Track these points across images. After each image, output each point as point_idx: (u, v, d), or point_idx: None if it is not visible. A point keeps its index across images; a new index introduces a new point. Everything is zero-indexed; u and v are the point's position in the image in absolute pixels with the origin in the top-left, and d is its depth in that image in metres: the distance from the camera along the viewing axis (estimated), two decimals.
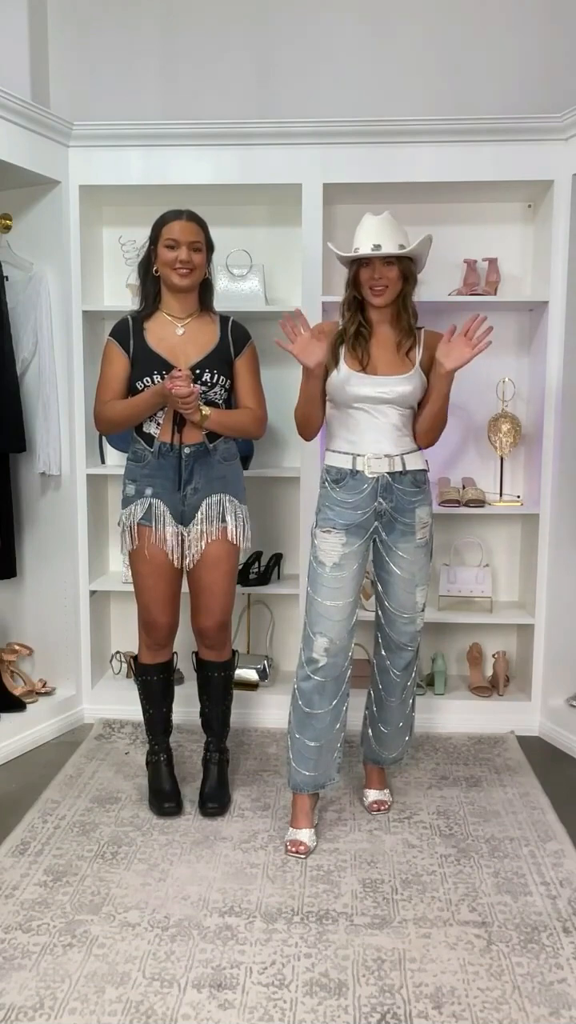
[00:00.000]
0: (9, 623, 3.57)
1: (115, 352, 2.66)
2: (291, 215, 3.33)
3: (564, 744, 3.31)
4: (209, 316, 2.74)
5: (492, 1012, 1.89)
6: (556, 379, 3.30)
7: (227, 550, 2.71)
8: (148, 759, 2.88)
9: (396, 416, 2.53)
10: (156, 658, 2.80)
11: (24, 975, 2.01)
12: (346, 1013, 1.89)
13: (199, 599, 2.74)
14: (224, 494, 2.69)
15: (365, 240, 2.47)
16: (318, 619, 2.54)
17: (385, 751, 2.80)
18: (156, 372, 2.60)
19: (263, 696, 3.53)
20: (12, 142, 3.03)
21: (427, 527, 2.61)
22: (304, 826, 2.60)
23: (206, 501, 2.66)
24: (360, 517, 2.53)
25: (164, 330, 2.66)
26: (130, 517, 2.66)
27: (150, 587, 2.70)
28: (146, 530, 2.65)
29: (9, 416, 3.23)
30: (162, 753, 2.84)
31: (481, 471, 3.66)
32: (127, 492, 2.69)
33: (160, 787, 2.80)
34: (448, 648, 3.73)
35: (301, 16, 3.59)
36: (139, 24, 3.64)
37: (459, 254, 3.47)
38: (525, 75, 3.50)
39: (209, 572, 2.70)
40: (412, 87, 3.54)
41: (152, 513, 2.64)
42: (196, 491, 2.65)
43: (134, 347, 2.64)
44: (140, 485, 2.66)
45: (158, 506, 2.64)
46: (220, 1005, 1.91)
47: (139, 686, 2.84)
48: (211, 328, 2.71)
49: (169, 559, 2.67)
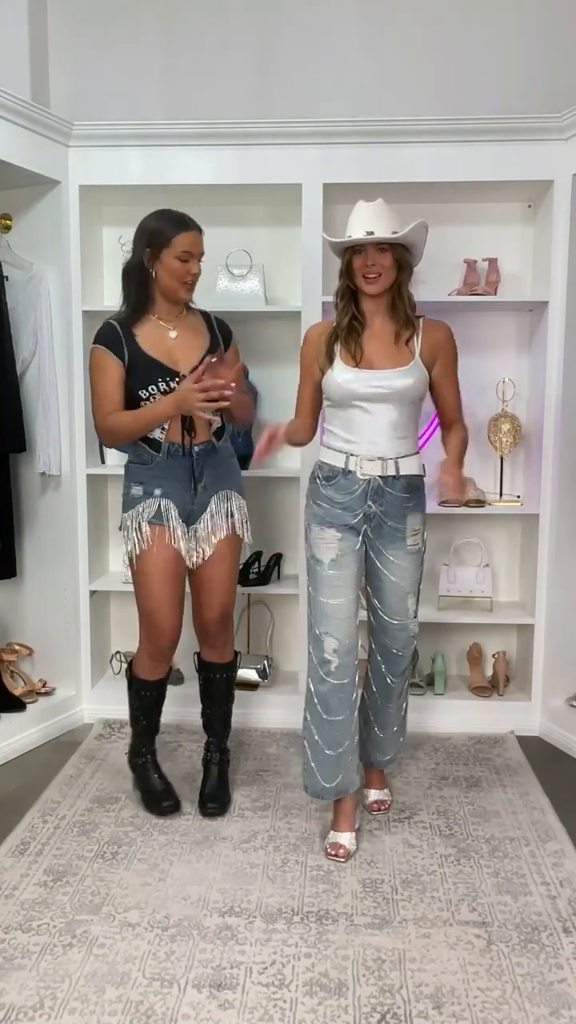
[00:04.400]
0: (9, 623, 3.57)
1: (108, 360, 2.57)
2: (291, 215, 3.33)
3: (564, 744, 3.31)
4: (193, 314, 2.71)
5: (492, 1012, 1.89)
6: (556, 379, 3.30)
7: (234, 545, 2.73)
8: (134, 761, 2.84)
9: (395, 413, 2.45)
10: (155, 674, 2.75)
11: (24, 975, 2.01)
12: (346, 1013, 1.89)
13: (202, 593, 2.73)
14: (230, 490, 2.70)
15: (358, 226, 2.40)
16: (323, 618, 2.49)
17: (380, 753, 2.78)
18: (160, 379, 2.56)
19: (263, 696, 3.53)
20: (12, 142, 3.03)
21: (419, 534, 2.56)
22: (346, 829, 2.55)
23: (215, 498, 2.66)
24: (350, 519, 2.48)
25: (157, 335, 2.60)
26: (139, 516, 2.61)
27: (159, 589, 2.63)
28: (157, 529, 2.61)
29: (9, 416, 3.23)
30: (148, 754, 2.82)
31: (481, 471, 3.65)
32: (133, 494, 2.64)
33: (154, 788, 2.78)
34: (448, 648, 3.73)
35: (301, 16, 3.59)
36: (139, 24, 3.64)
37: (459, 254, 3.47)
38: (525, 75, 3.50)
39: (215, 566, 2.70)
40: (412, 87, 3.54)
41: (162, 513, 2.61)
42: (205, 489, 2.65)
43: (129, 354, 2.57)
44: (148, 487, 2.62)
45: (168, 506, 2.61)
46: (220, 1005, 1.92)
47: (134, 699, 2.79)
48: (199, 326, 2.69)
49: (179, 558, 2.65)
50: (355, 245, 2.42)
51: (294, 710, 3.21)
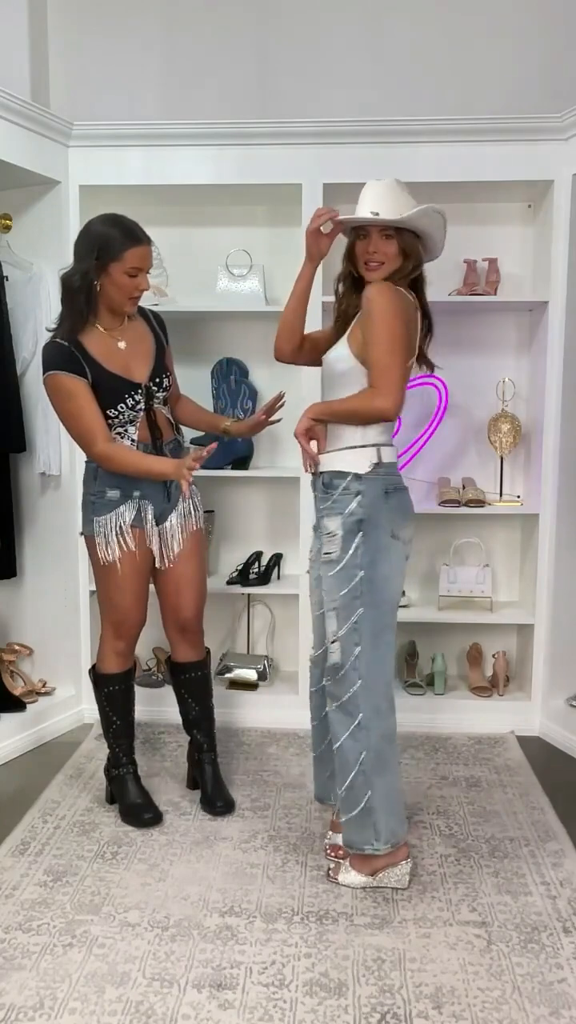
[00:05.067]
0: (9, 623, 3.57)
1: (76, 384, 2.46)
2: (291, 215, 3.32)
3: (564, 744, 3.31)
4: (133, 317, 2.63)
5: (492, 1012, 1.89)
6: (556, 379, 3.30)
7: (200, 540, 2.74)
8: (112, 772, 2.78)
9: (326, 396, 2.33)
10: (124, 665, 2.74)
11: (24, 975, 2.01)
12: (346, 1013, 1.89)
13: (176, 594, 2.71)
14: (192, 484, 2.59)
15: (363, 206, 2.21)
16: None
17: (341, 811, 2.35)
18: (125, 395, 2.53)
19: (263, 696, 3.53)
20: (12, 142, 3.03)
21: (335, 539, 2.21)
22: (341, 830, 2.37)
23: (181, 497, 2.66)
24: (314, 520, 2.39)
25: (106, 347, 2.53)
26: (120, 519, 2.59)
27: (130, 588, 2.64)
28: (138, 532, 2.62)
29: (9, 416, 3.23)
30: (129, 765, 2.77)
31: (481, 471, 3.66)
32: (110, 497, 2.59)
33: (134, 801, 2.73)
34: (448, 648, 3.73)
35: (301, 16, 3.59)
36: (139, 24, 3.64)
37: (459, 254, 3.46)
38: (525, 75, 3.50)
39: (186, 564, 2.69)
40: (412, 87, 3.54)
41: (141, 515, 2.61)
42: (178, 488, 2.63)
43: (91, 372, 2.48)
44: (127, 489, 2.60)
45: (146, 507, 2.61)
46: (220, 1005, 1.91)
47: (103, 699, 2.75)
48: (142, 329, 2.64)
49: (153, 557, 2.66)
50: (360, 228, 2.25)
51: (294, 710, 3.22)
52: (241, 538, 3.77)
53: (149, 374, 2.59)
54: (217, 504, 3.74)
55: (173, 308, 3.38)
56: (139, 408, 2.58)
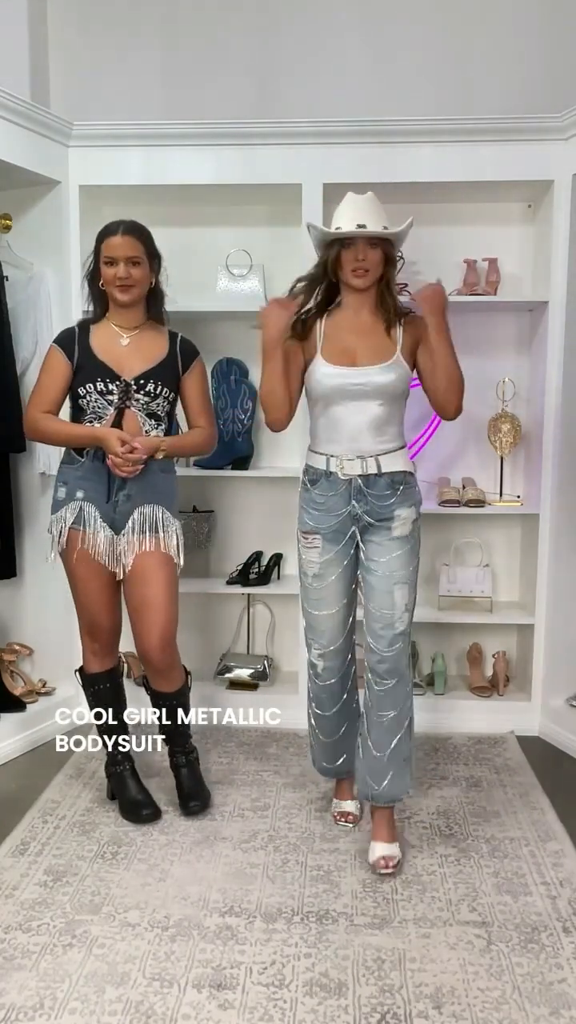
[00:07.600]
0: (9, 623, 3.57)
1: (58, 359, 2.60)
2: (291, 215, 3.33)
3: (564, 744, 3.31)
4: (158, 329, 2.68)
5: (492, 1012, 1.89)
6: (556, 379, 3.30)
7: (160, 561, 2.60)
8: (109, 770, 2.79)
9: (377, 410, 2.40)
10: (104, 665, 2.75)
11: (24, 975, 2.01)
12: (346, 1013, 1.89)
13: (137, 619, 2.63)
14: (157, 505, 2.60)
15: (348, 219, 2.35)
16: (308, 627, 2.59)
17: (374, 782, 2.47)
18: (100, 379, 2.56)
19: (263, 696, 3.53)
20: (12, 142, 3.03)
21: (407, 522, 2.43)
22: (348, 797, 2.72)
23: (139, 510, 2.58)
24: (335, 522, 2.45)
25: (109, 339, 2.62)
26: (61, 521, 2.59)
27: (89, 591, 2.64)
28: (77, 535, 2.58)
29: (9, 416, 3.23)
30: (126, 762, 2.77)
31: (481, 471, 3.66)
32: (58, 496, 2.62)
33: (132, 798, 2.73)
34: (448, 648, 3.73)
35: (301, 16, 3.60)
36: (139, 24, 3.64)
37: (459, 254, 3.47)
38: (525, 75, 3.50)
39: (145, 587, 2.59)
40: (412, 87, 3.54)
41: (82, 517, 2.58)
42: (128, 498, 2.58)
43: (79, 354, 2.59)
44: (71, 488, 2.59)
45: (89, 509, 2.58)
46: (220, 1005, 1.91)
47: (90, 697, 2.77)
48: (159, 341, 2.66)
49: (103, 564, 2.60)
50: (344, 238, 2.36)
51: (294, 710, 3.22)
52: (241, 538, 3.76)
53: (139, 375, 2.59)
54: (217, 504, 3.74)
55: (173, 308, 3.33)
56: (110, 399, 2.57)
